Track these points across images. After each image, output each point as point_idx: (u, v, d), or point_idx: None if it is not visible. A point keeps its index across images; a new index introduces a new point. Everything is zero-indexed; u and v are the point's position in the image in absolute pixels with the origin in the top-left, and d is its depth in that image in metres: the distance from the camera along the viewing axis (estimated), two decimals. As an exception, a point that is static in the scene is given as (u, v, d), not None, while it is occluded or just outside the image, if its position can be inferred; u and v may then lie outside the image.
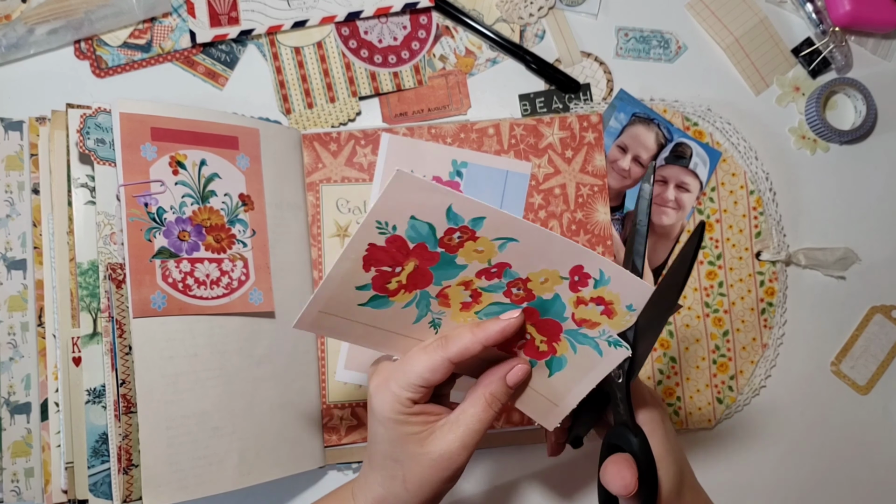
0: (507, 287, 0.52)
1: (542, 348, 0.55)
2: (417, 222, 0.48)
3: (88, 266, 0.65)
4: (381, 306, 0.53)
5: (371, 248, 0.49)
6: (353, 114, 0.79)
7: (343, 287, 0.50)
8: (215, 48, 0.78)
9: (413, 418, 0.51)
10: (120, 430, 0.62)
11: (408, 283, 0.52)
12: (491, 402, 0.52)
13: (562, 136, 0.77)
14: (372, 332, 0.53)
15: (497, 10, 0.81)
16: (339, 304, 0.51)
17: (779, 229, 0.80)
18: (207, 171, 0.67)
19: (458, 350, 0.50)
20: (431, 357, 0.51)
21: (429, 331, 0.56)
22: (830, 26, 0.82)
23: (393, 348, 0.55)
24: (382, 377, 0.52)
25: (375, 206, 0.47)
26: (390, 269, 0.51)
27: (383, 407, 0.51)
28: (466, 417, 0.52)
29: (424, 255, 0.50)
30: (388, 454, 0.52)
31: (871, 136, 0.83)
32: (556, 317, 0.53)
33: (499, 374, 0.53)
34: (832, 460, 0.81)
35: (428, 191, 0.47)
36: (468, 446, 0.51)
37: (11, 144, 0.70)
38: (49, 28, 0.75)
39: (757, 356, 0.80)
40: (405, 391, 0.51)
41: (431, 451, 0.51)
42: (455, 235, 0.50)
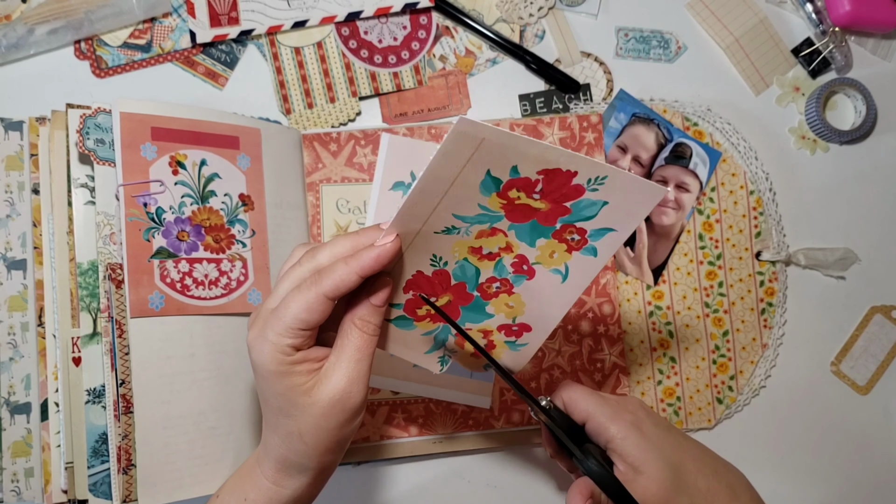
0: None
1: (421, 313, 0.54)
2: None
3: (88, 266, 0.65)
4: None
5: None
6: (353, 114, 0.79)
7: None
8: (215, 48, 0.78)
9: (296, 367, 0.48)
10: (119, 430, 0.62)
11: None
12: (362, 327, 0.49)
13: (562, 136, 0.77)
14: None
15: (497, 10, 0.81)
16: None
17: (779, 229, 0.80)
18: (207, 171, 0.67)
19: (332, 284, 0.46)
20: (306, 295, 0.47)
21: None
22: (830, 26, 0.82)
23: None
24: (259, 327, 0.48)
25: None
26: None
27: (263, 359, 0.48)
28: (344, 352, 0.49)
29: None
30: (279, 410, 0.49)
31: (871, 137, 0.83)
32: (463, 318, 0.55)
33: (361, 297, 0.49)
34: (832, 460, 0.81)
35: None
36: (354, 380, 0.48)
37: (11, 144, 0.70)
38: (49, 28, 0.75)
39: (757, 356, 0.80)
40: (284, 338, 0.47)
41: (320, 399, 0.48)
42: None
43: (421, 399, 0.75)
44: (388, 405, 0.75)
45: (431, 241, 0.49)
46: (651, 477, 0.53)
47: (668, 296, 0.79)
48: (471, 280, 0.52)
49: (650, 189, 0.47)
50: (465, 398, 0.75)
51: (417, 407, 0.75)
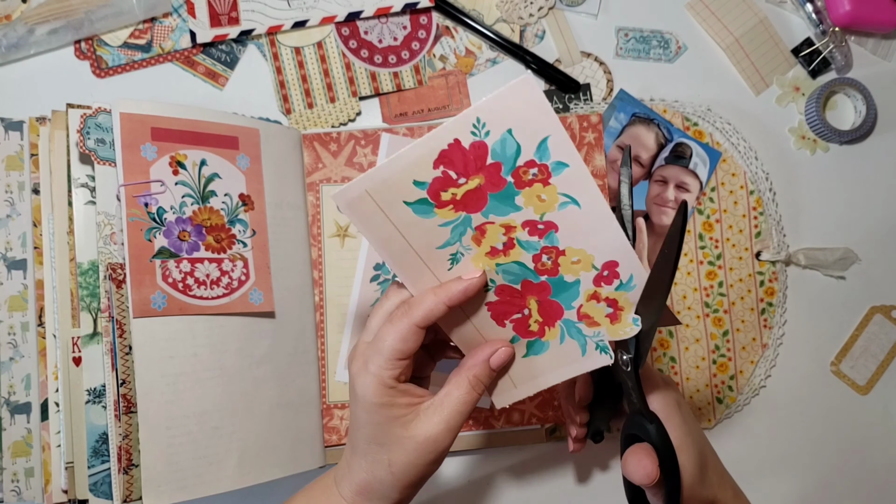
0: (539, 251, 0.51)
1: (534, 328, 0.54)
2: (510, 138, 0.47)
3: (88, 266, 0.65)
4: (422, 213, 0.50)
5: (455, 143, 0.47)
6: (353, 114, 0.79)
7: (403, 174, 0.48)
8: (215, 48, 0.78)
9: (397, 399, 0.51)
10: (120, 429, 0.62)
11: (460, 201, 0.50)
12: (475, 385, 0.52)
13: (562, 136, 0.77)
14: (396, 238, 0.50)
15: (497, 10, 0.81)
16: (387, 192, 0.48)
17: (779, 229, 0.81)
18: (207, 171, 0.67)
19: (422, 314, 0.49)
20: (399, 327, 0.50)
21: (445, 263, 0.53)
22: (830, 26, 0.82)
23: (402, 266, 0.52)
24: (360, 361, 0.51)
25: (484, 103, 0.46)
26: (455, 177, 0.49)
27: (366, 390, 0.50)
28: (451, 400, 0.51)
29: (493, 178, 0.49)
30: (373, 438, 0.51)
31: (871, 137, 0.83)
32: (563, 302, 0.52)
33: (482, 356, 0.53)
34: (832, 460, 0.81)
35: (541, 110, 0.46)
36: (452, 429, 0.51)
37: (12, 144, 0.70)
38: (49, 28, 0.75)
39: (757, 356, 0.80)
40: (384, 369, 0.50)
41: (417, 435, 0.50)
42: (532, 171, 0.48)
43: (421, 399, 0.75)
44: (388, 405, 0.75)
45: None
46: (688, 459, 0.53)
47: (668, 296, 0.79)
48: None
49: (519, 87, 0.45)
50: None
51: (418, 407, 0.75)
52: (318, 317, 0.75)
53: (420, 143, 0.46)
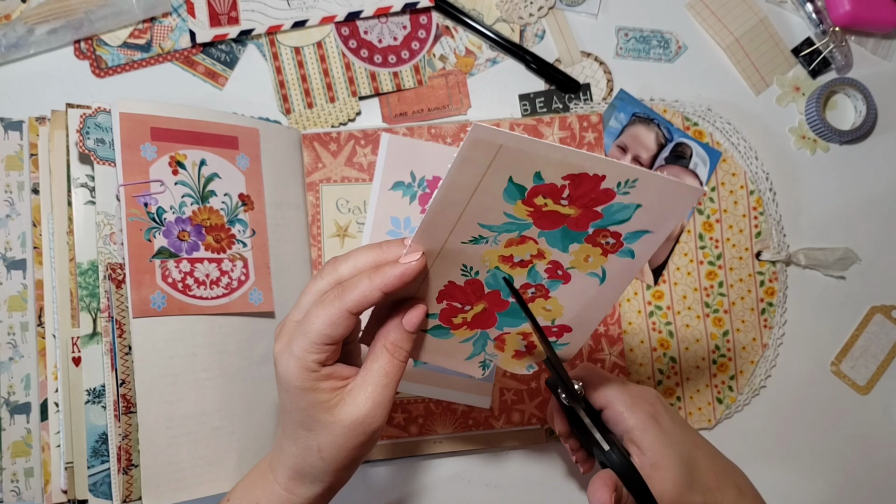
0: (535, 284, 0.52)
1: (456, 321, 0.53)
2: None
3: (88, 266, 0.65)
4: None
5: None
6: (352, 114, 0.79)
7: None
8: (215, 48, 0.78)
9: (321, 384, 0.48)
10: (120, 430, 0.62)
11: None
12: (393, 352, 0.49)
13: (562, 136, 0.77)
14: (463, 193, 0.48)
15: (497, 9, 0.81)
16: (506, 168, 0.47)
17: (779, 229, 0.80)
18: (207, 170, 0.67)
19: (356, 299, 0.46)
20: (329, 311, 0.46)
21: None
22: (830, 26, 0.82)
23: (437, 213, 0.50)
24: (284, 341, 0.48)
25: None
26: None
27: (288, 373, 0.47)
28: (372, 375, 0.48)
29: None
30: (300, 423, 0.49)
31: (871, 136, 0.83)
32: (500, 323, 0.54)
33: (395, 320, 0.49)
34: (832, 460, 0.81)
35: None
36: (380, 405, 0.48)
37: (11, 144, 0.70)
38: (49, 28, 0.75)
39: (757, 356, 0.80)
40: (309, 353, 0.47)
41: (343, 419, 0.48)
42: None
43: (421, 399, 0.75)
44: (388, 405, 0.75)
45: (459, 252, 0.48)
46: (668, 472, 0.53)
47: (668, 296, 0.79)
48: (504, 288, 0.51)
49: (685, 190, 0.45)
50: (466, 398, 0.75)
51: (417, 407, 0.75)
52: (317, 317, 0.75)
53: (581, 153, 0.45)
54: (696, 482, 0.54)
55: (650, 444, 0.54)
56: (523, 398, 0.75)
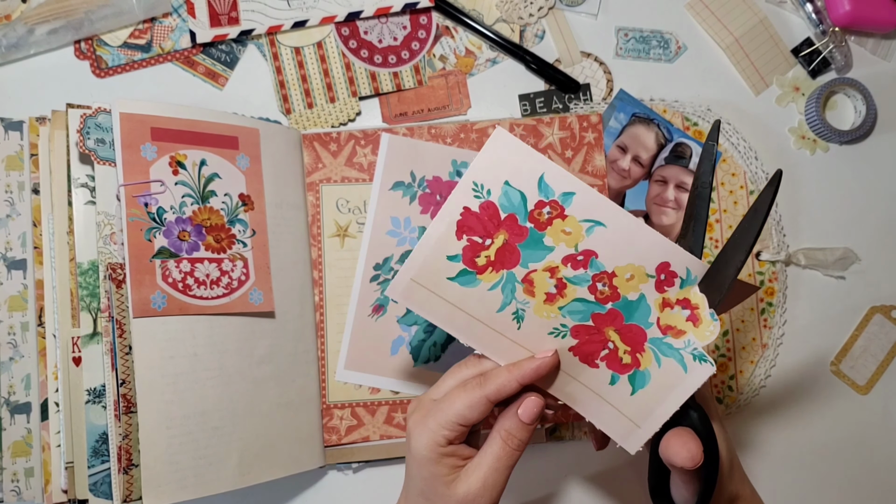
0: (592, 280, 0.52)
1: (626, 360, 0.54)
2: (510, 189, 0.49)
3: (88, 266, 0.65)
4: (469, 283, 0.53)
5: (465, 212, 0.50)
6: (353, 114, 0.79)
7: (435, 253, 0.50)
8: (215, 48, 0.78)
9: (445, 459, 0.52)
10: (120, 429, 0.62)
11: (496, 260, 0.52)
12: (507, 439, 0.53)
13: (562, 136, 0.77)
14: (457, 314, 0.53)
15: (497, 10, 0.81)
16: (429, 275, 0.51)
17: (778, 229, 0.81)
18: (207, 171, 0.67)
19: (495, 388, 0.51)
20: (470, 395, 0.51)
21: (512, 324, 0.54)
22: (830, 26, 0.82)
23: (475, 338, 0.54)
24: (421, 414, 0.54)
25: (473, 166, 0.48)
26: (480, 241, 0.51)
27: (419, 444, 0.53)
28: (485, 458, 0.53)
29: (514, 230, 0.51)
30: (421, 492, 0.54)
31: (871, 137, 0.83)
32: (640, 321, 0.53)
33: (512, 409, 0.53)
34: (832, 460, 0.81)
35: (523, 154, 0.48)
36: (490, 486, 0.52)
37: (11, 144, 0.70)
38: (49, 28, 0.75)
39: (756, 356, 0.80)
40: (443, 429, 0.52)
41: (457, 493, 0.52)
42: (545, 210, 0.50)
43: (421, 399, 0.75)
44: (388, 405, 0.75)
45: (529, 332, 0.50)
46: (723, 452, 0.53)
47: (668, 296, 0.79)
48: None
49: (494, 142, 0.49)
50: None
51: (418, 407, 0.75)
52: (318, 317, 0.75)
53: (436, 220, 0.48)
54: (733, 470, 0.55)
55: (711, 419, 0.53)
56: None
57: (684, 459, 0.50)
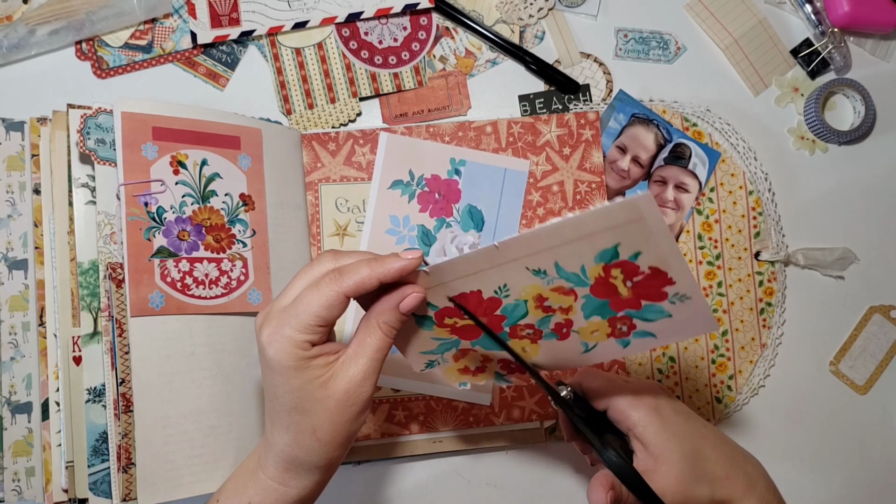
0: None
1: (448, 322, 0.54)
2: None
3: (89, 266, 0.66)
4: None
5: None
6: (353, 114, 0.79)
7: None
8: (216, 49, 0.79)
9: (313, 361, 0.49)
10: (120, 428, 0.62)
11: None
12: (386, 330, 0.50)
13: (559, 133, 0.77)
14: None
15: (497, 11, 0.81)
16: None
17: (778, 229, 0.81)
18: (208, 170, 0.67)
19: (353, 283, 0.48)
20: (325, 293, 0.48)
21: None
22: (829, 27, 0.82)
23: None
24: (275, 325, 0.49)
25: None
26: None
27: (280, 356, 0.48)
28: (365, 348, 0.50)
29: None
30: (294, 406, 0.49)
31: (870, 137, 0.84)
32: (479, 342, 0.55)
33: (391, 301, 0.50)
34: (831, 460, 0.81)
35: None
36: (370, 375, 0.50)
37: (13, 145, 0.71)
38: (50, 29, 0.75)
39: (756, 356, 0.80)
40: (301, 334, 0.48)
41: (336, 391, 0.49)
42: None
43: (422, 396, 0.75)
44: (388, 403, 0.75)
45: (516, 273, 0.49)
46: (671, 466, 0.53)
47: (667, 296, 0.79)
48: (512, 318, 0.52)
49: (708, 322, 0.49)
50: (466, 395, 0.75)
51: (418, 404, 0.75)
52: (317, 316, 0.75)
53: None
54: (701, 473, 0.54)
55: (652, 438, 0.54)
56: (523, 395, 0.76)
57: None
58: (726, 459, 0.57)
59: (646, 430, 0.54)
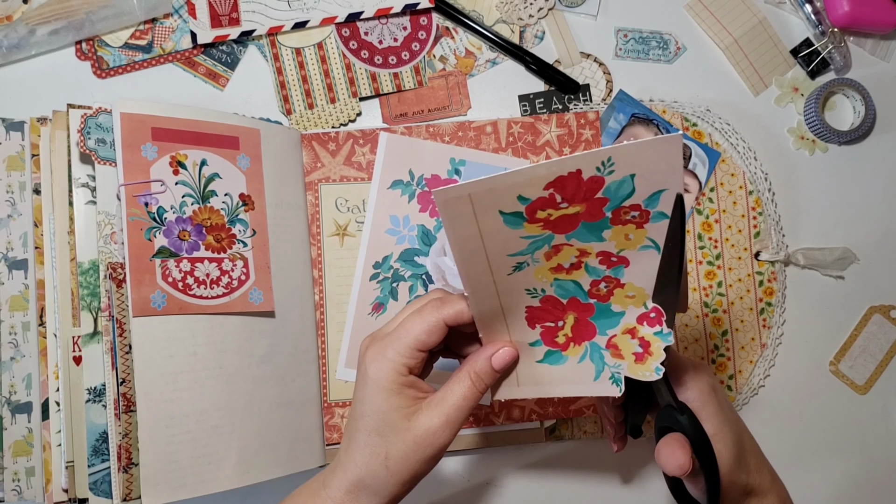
0: (601, 278, 0.52)
1: (560, 340, 0.54)
2: (629, 182, 0.47)
3: (89, 265, 0.66)
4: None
5: (576, 173, 0.47)
6: (353, 114, 0.79)
7: (512, 188, 0.48)
8: (216, 49, 0.79)
9: (405, 390, 0.51)
10: (120, 428, 0.62)
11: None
12: (475, 382, 0.52)
13: (559, 133, 0.77)
14: (474, 240, 0.49)
15: (497, 11, 0.81)
16: (488, 199, 0.47)
17: (778, 229, 0.81)
18: (208, 171, 0.67)
19: (452, 312, 0.51)
20: (427, 319, 0.51)
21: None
22: (829, 27, 0.82)
23: (467, 266, 0.51)
24: (378, 347, 0.52)
25: (626, 148, 0.46)
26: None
27: (379, 375, 0.51)
28: (451, 395, 0.52)
29: (594, 210, 0.49)
30: (374, 429, 0.51)
31: (870, 137, 0.84)
32: (600, 326, 0.53)
33: (485, 354, 0.53)
34: (831, 460, 0.81)
35: (672, 168, 0.46)
36: (452, 424, 0.51)
37: (13, 145, 0.71)
38: (50, 29, 0.75)
39: (756, 356, 0.80)
40: (402, 356, 0.51)
41: (416, 427, 0.51)
42: (634, 213, 0.48)
43: (421, 398, 0.75)
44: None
45: (514, 282, 0.49)
46: (725, 446, 0.53)
47: (667, 295, 0.79)
48: (577, 292, 0.51)
49: (663, 143, 0.44)
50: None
51: (417, 406, 0.75)
52: (318, 316, 0.75)
53: (543, 164, 0.45)
54: (744, 461, 0.55)
55: (709, 417, 0.54)
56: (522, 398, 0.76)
57: (673, 468, 0.51)
58: (758, 453, 0.58)
59: (703, 408, 0.54)
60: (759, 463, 0.57)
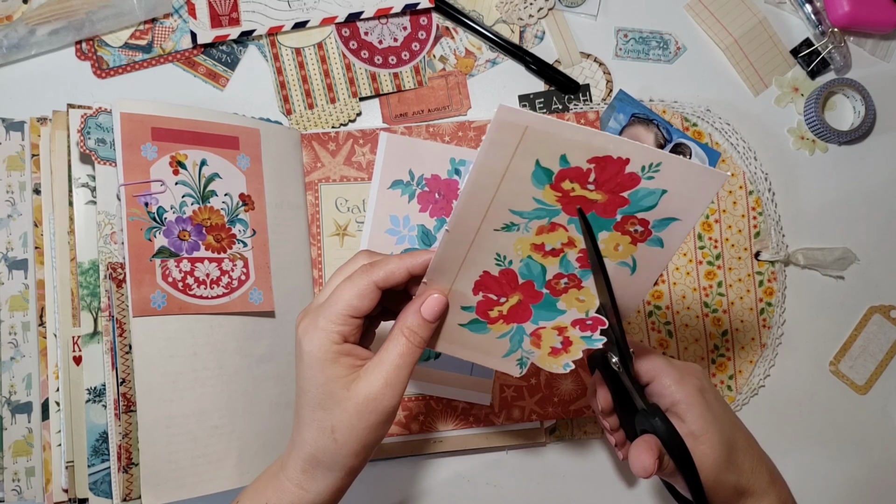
0: (567, 274, 0.52)
1: (492, 314, 0.54)
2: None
3: (89, 265, 0.66)
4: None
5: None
6: (353, 114, 0.79)
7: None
8: (216, 49, 0.79)
9: (341, 358, 0.50)
10: (120, 428, 0.62)
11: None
12: (410, 336, 0.51)
13: (561, 136, 0.77)
14: (494, 177, 0.48)
15: (497, 11, 0.81)
16: (536, 145, 0.46)
17: (778, 229, 0.81)
18: (208, 171, 0.67)
19: (383, 274, 0.50)
20: (357, 284, 0.50)
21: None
22: (829, 27, 0.82)
23: (469, 200, 0.50)
24: (310, 318, 0.51)
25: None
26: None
27: (312, 346, 0.49)
28: (388, 355, 0.50)
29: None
30: (317, 403, 0.50)
31: (870, 137, 0.84)
32: (536, 317, 0.53)
33: (414, 307, 0.51)
34: (831, 460, 0.81)
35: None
36: (392, 384, 0.50)
37: (13, 145, 0.71)
38: (50, 29, 0.75)
39: (756, 356, 0.80)
40: (334, 324, 0.49)
41: (357, 394, 0.49)
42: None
43: (422, 396, 0.75)
44: (388, 404, 0.75)
45: (493, 239, 0.49)
46: (710, 447, 0.53)
47: (667, 296, 0.79)
48: (538, 278, 0.51)
49: (710, 175, 0.45)
50: (466, 395, 0.75)
51: (418, 404, 0.75)
52: (317, 316, 0.75)
53: (604, 134, 0.45)
54: (733, 462, 0.55)
55: (695, 418, 0.54)
56: (523, 395, 0.76)
57: (638, 470, 0.51)
58: (754, 453, 0.57)
59: (689, 409, 0.54)
60: (755, 463, 0.57)
